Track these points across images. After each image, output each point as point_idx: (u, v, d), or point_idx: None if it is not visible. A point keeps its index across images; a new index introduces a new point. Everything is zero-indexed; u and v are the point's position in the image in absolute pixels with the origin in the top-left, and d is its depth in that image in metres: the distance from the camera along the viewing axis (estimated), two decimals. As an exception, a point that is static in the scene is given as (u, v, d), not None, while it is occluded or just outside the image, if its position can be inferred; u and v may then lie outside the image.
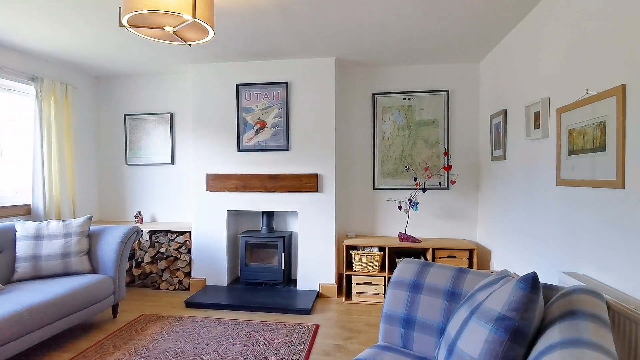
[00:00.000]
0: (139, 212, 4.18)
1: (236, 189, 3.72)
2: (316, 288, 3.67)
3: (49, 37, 3.05)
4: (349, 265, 3.68)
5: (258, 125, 3.71)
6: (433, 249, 3.43)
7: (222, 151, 3.79)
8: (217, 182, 3.75)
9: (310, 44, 3.22)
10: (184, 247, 3.83)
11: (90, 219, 3.06)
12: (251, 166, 3.74)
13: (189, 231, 3.83)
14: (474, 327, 1.21)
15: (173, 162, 4.21)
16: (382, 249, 3.55)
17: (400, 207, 3.66)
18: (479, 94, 3.74)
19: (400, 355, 1.61)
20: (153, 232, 3.86)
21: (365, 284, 3.50)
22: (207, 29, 2.04)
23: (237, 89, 3.73)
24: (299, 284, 3.71)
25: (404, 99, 3.83)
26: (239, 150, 3.74)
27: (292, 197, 3.67)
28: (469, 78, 3.75)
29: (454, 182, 3.66)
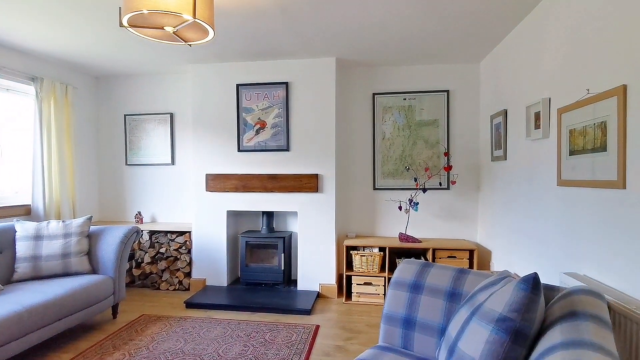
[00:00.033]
0: (138, 212, 4.18)
1: (236, 189, 3.71)
2: (316, 288, 3.67)
3: (49, 37, 3.05)
4: (349, 266, 3.68)
5: (258, 126, 3.71)
6: (433, 250, 3.43)
7: (222, 151, 3.79)
8: (217, 183, 3.75)
9: (310, 44, 3.22)
10: (184, 247, 3.83)
11: (90, 219, 3.05)
12: (251, 166, 3.74)
13: (189, 231, 3.83)
14: (474, 328, 1.21)
15: (173, 163, 4.21)
16: (382, 249, 3.55)
17: (400, 208, 3.65)
18: (479, 94, 3.73)
19: (401, 356, 1.61)
20: (153, 232, 3.85)
21: (366, 284, 3.50)
22: (207, 29, 2.04)
23: (237, 89, 3.72)
24: (299, 285, 3.70)
25: (404, 99, 3.82)
26: (239, 150, 3.74)
27: (292, 197, 3.67)
28: (469, 78, 3.75)
29: (454, 183, 3.66)
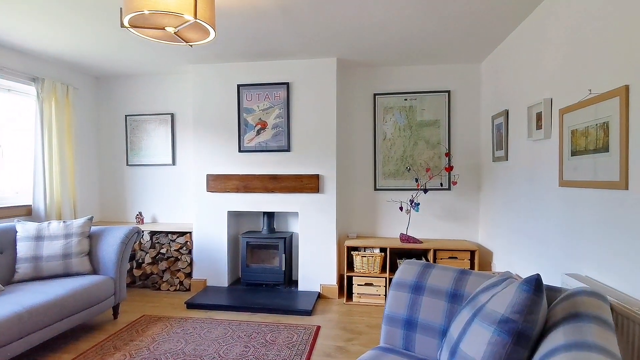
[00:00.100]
0: (139, 212, 4.18)
1: (237, 190, 3.71)
2: (317, 289, 3.66)
3: (49, 38, 3.05)
4: (350, 266, 3.67)
5: (259, 126, 3.71)
6: (434, 250, 3.42)
7: (223, 152, 3.78)
8: (218, 183, 3.74)
9: (311, 44, 3.21)
10: (184, 247, 3.83)
11: (91, 219, 3.05)
12: (252, 167, 3.74)
13: (190, 232, 3.83)
14: (476, 330, 1.20)
15: (174, 163, 4.21)
16: (383, 249, 3.55)
17: (401, 208, 3.65)
18: (480, 95, 3.73)
19: (402, 357, 1.60)
20: (154, 232, 3.85)
21: (367, 284, 3.49)
22: (208, 29, 2.04)
23: (238, 89, 3.72)
24: (300, 285, 3.70)
25: (405, 99, 3.82)
26: (239, 150, 3.74)
27: (293, 197, 3.67)
28: (470, 78, 3.74)
29: (455, 183, 3.65)
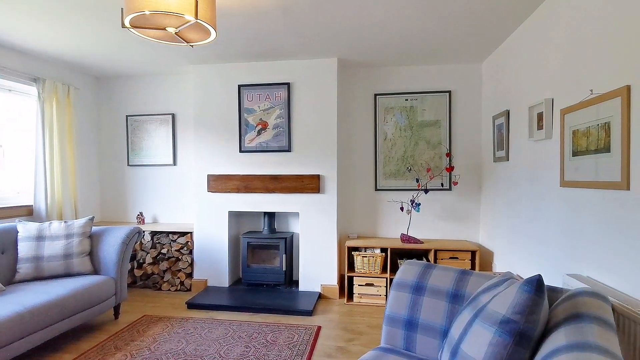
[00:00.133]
0: (140, 213, 4.18)
1: (238, 190, 3.71)
2: (318, 289, 3.66)
3: (50, 38, 3.05)
4: (350, 267, 3.67)
5: (260, 126, 3.71)
6: (435, 250, 3.42)
7: (224, 152, 3.79)
8: (219, 183, 3.75)
9: (312, 44, 3.22)
10: (185, 248, 3.83)
11: (92, 219, 3.05)
12: (253, 167, 3.74)
13: (191, 232, 3.83)
14: (477, 330, 1.20)
15: (175, 163, 4.21)
16: (384, 250, 3.54)
17: (402, 208, 3.64)
18: (481, 95, 3.72)
19: (403, 357, 1.60)
20: (155, 233, 3.86)
21: (367, 285, 3.49)
22: (209, 29, 2.04)
23: (238, 89, 3.72)
24: (301, 285, 3.70)
25: (406, 99, 3.82)
26: (240, 151, 3.74)
27: (294, 198, 3.67)
28: (471, 79, 3.74)
29: (456, 183, 3.65)
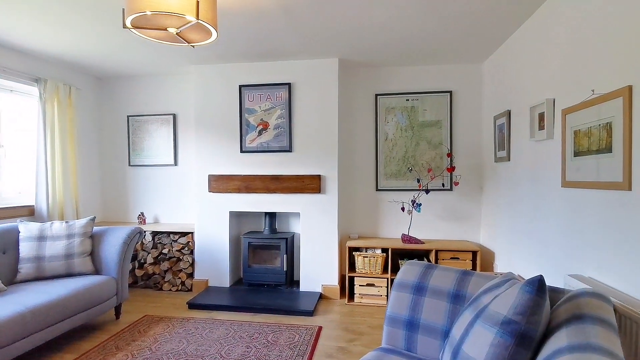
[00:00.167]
0: (141, 213, 4.18)
1: (239, 190, 3.71)
2: (319, 289, 3.66)
3: (51, 39, 3.06)
4: (351, 267, 3.67)
5: (261, 127, 3.71)
6: (436, 251, 3.41)
7: (225, 152, 3.79)
8: (220, 183, 3.75)
9: (313, 44, 3.21)
10: (186, 248, 3.83)
11: (93, 220, 3.06)
12: (254, 167, 3.74)
13: (192, 232, 3.83)
14: (479, 331, 1.20)
15: (176, 163, 4.22)
16: (385, 250, 3.54)
17: (403, 209, 3.64)
18: (482, 95, 3.72)
19: (404, 358, 1.60)
20: (156, 233, 3.86)
21: (368, 285, 3.49)
22: (210, 30, 2.04)
23: (239, 90, 3.73)
24: (302, 286, 3.70)
25: (407, 99, 3.81)
26: (241, 151, 3.74)
27: (295, 198, 3.67)
28: (472, 79, 3.73)
29: (457, 184, 3.64)
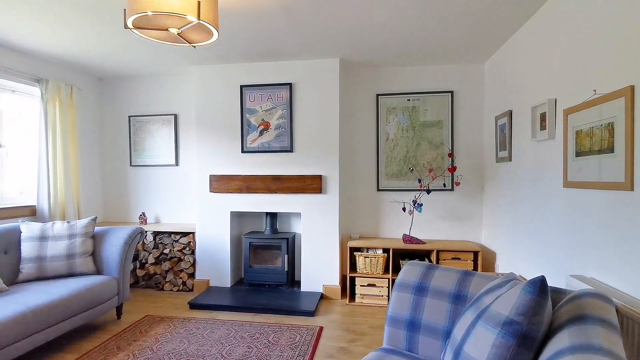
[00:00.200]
0: (143, 213, 4.19)
1: (240, 190, 3.72)
2: (320, 290, 3.66)
3: (53, 39, 3.06)
4: (352, 267, 3.66)
5: (262, 127, 3.71)
6: (437, 251, 3.41)
7: (226, 152, 3.79)
8: (221, 184, 3.75)
9: (314, 44, 3.21)
10: (187, 248, 3.83)
11: (94, 220, 3.06)
12: (255, 167, 3.74)
13: (193, 232, 3.83)
14: (480, 331, 1.20)
15: (177, 164, 4.22)
16: (386, 250, 3.54)
17: (404, 209, 3.64)
18: (483, 95, 3.71)
19: (406, 358, 1.60)
20: (157, 233, 3.86)
21: (369, 285, 3.49)
22: (212, 30, 2.04)
23: (240, 90, 3.73)
24: (303, 286, 3.70)
25: (408, 100, 3.81)
26: (242, 151, 3.74)
27: (296, 198, 3.66)
28: (473, 79, 3.73)
29: (458, 184, 3.63)
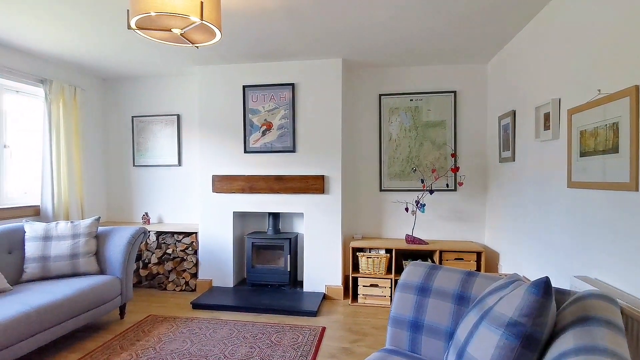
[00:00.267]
0: (146, 213, 4.20)
1: (242, 191, 3.72)
2: (322, 290, 3.66)
3: (57, 40, 3.08)
4: (355, 267, 3.66)
5: (264, 127, 3.72)
6: (440, 251, 3.40)
7: (229, 152, 3.79)
8: (224, 184, 3.75)
9: (316, 45, 3.21)
10: (190, 248, 3.84)
11: (98, 220, 3.07)
12: (257, 167, 3.74)
13: (196, 232, 3.84)
14: (484, 333, 1.19)
15: (180, 164, 4.23)
16: (388, 251, 3.53)
17: (407, 209, 3.63)
18: (487, 95, 3.70)
19: (408, 359, 1.59)
20: (160, 233, 3.87)
21: (372, 286, 3.48)
22: (215, 30, 2.04)
23: (243, 90, 3.73)
24: (305, 286, 3.69)
25: (411, 100, 3.80)
26: (245, 151, 3.75)
27: (299, 198, 3.66)
28: (476, 79, 3.72)
29: (461, 184, 3.62)
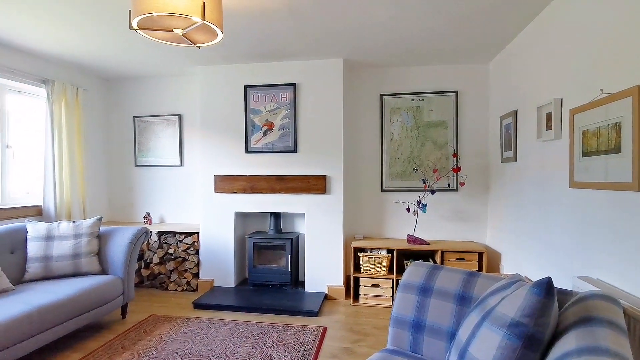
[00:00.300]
0: (147, 213, 4.21)
1: (244, 191, 3.72)
2: (324, 290, 3.66)
3: (59, 40, 3.08)
4: (356, 268, 3.66)
5: (266, 127, 3.72)
6: (442, 252, 3.40)
7: (230, 153, 3.80)
8: (225, 184, 3.76)
9: (318, 45, 3.21)
10: (192, 248, 3.85)
11: (100, 220, 3.08)
12: (259, 168, 3.75)
13: (197, 232, 3.84)
14: (486, 333, 1.19)
15: (181, 164, 4.24)
16: (390, 251, 3.53)
17: (408, 209, 3.63)
18: (488, 95, 3.69)
19: (410, 359, 1.59)
20: (161, 233, 3.88)
21: (373, 286, 3.48)
22: (216, 31, 2.05)
23: (244, 90, 3.73)
24: (307, 286, 3.69)
25: (413, 100, 3.80)
26: (246, 151, 3.75)
27: (300, 198, 3.67)
28: (478, 79, 3.71)
29: (463, 184, 3.62)
